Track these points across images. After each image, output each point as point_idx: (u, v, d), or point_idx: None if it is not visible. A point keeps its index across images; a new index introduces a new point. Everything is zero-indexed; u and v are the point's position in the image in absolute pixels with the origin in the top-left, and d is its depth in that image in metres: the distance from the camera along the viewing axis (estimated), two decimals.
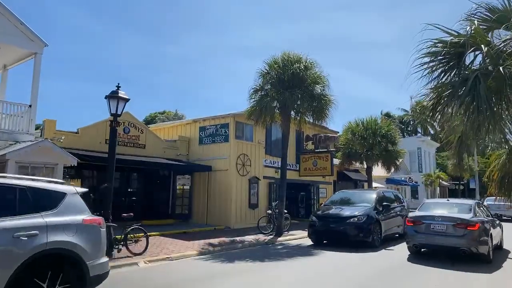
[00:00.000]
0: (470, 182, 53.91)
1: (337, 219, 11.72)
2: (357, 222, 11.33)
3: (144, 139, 16.07)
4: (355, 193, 14.55)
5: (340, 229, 11.41)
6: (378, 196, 12.78)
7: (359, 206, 12.26)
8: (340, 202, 13.15)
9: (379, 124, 22.50)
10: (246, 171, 16.85)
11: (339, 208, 12.32)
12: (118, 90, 9.45)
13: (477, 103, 4.92)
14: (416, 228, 9.63)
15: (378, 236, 11.65)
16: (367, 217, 11.43)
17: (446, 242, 9.13)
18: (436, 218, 9.33)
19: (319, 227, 11.93)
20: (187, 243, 11.54)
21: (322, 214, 12.54)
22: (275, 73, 14.74)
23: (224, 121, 16.83)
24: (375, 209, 12.01)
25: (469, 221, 8.99)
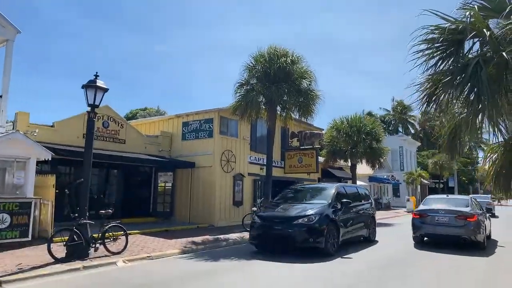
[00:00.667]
0: (449, 180, 55.23)
1: (283, 219, 9.33)
2: (306, 223, 8.93)
3: (124, 134, 15.42)
4: (311, 188, 12.24)
5: (285, 233, 9.00)
6: (337, 192, 10.44)
7: (312, 203, 9.99)
8: (292, 199, 10.91)
9: (364, 122, 22.47)
10: (230, 168, 16.43)
11: (288, 206, 10.05)
12: (96, 79, 8.87)
13: (478, 90, 4.68)
14: (422, 220, 11.15)
15: (334, 241, 9.39)
16: (319, 217, 9.08)
17: (448, 232, 10.62)
18: (440, 211, 10.82)
19: (261, 229, 9.49)
20: (169, 241, 11.05)
21: (265, 213, 10.04)
22: (261, 67, 14.38)
23: (208, 116, 16.35)
24: (332, 207, 9.74)
25: (468, 213, 10.46)
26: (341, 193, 10.71)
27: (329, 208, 9.67)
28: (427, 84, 6.30)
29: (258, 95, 14.09)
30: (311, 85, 14.74)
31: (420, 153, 54.13)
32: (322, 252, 8.94)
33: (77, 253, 8.05)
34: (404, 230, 15.99)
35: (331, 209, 9.68)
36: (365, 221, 11.53)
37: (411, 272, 7.81)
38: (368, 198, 12.63)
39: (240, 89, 14.73)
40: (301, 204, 10.09)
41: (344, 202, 10.12)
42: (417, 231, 11.31)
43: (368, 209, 12.06)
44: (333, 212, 9.65)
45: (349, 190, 11.76)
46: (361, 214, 11.37)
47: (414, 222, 11.41)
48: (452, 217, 10.53)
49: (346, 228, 10.14)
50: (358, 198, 11.77)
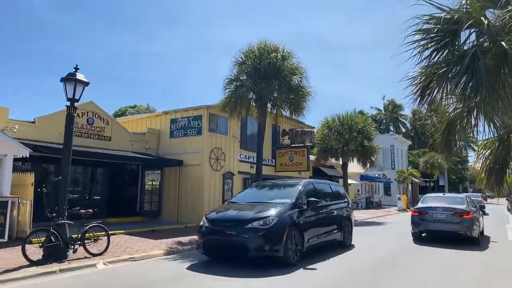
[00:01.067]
0: (439, 179, 55.60)
1: (235, 223, 7.69)
2: (261, 227, 7.35)
3: (109, 131, 14.95)
4: (276, 185, 10.43)
5: (235, 239, 7.45)
6: (304, 189, 8.94)
7: (273, 203, 8.36)
8: (253, 197, 9.30)
9: (355, 120, 22.28)
10: (220, 166, 16.07)
11: (244, 206, 8.47)
12: (75, 72, 8.45)
13: (475, 81, 4.40)
14: (421, 217, 11.66)
15: (297, 248, 7.82)
16: (278, 219, 7.50)
17: (446, 228, 11.16)
18: (438, 208, 11.36)
19: (208, 235, 7.87)
20: (154, 242, 10.67)
21: (217, 215, 8.28)
22: (251, 63, 14.03)
23: (197, 113, 15.96)
24: (296, 208, 8.18)
25: (464, 210, 11.09)
26: (309, 190, 9.16)
27: (292, 208, 8.07)
28: (420, 77, 6.03)
29: (248, 91, 13.74)
30: (302, 82, 14.45)
31: (411, 152, 54.37)
32: (281, 262, 7.43)
33: (55, 255, 7.64)
34: (393, 230, 15.84)
35: (294, 209, 8.08)
36: (338, 223, 9.94)
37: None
38: (343, 197, 11.10)
39: (230, 85, 14.38)
40: (260, 204, 8.39)
41: (311, 202, 8.51)
42: (416, 228, 11.86)
43: (343, 209, 10.53)
44: (297, 213, 8.08)
45: (320, 187, 10.14)
46: (334, 215, 9.81)
47: (413, 219, 11.90)
48: (449, 214, 11.11)
49: (313, 232, 8.54)
50: (330, 196, 10.26)
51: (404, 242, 11.63)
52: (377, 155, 23.86)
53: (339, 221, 10.06)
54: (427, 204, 11.99)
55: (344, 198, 11.10)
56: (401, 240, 12.05)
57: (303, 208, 8.37)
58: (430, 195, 13.87)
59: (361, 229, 15.92)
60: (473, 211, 11.28)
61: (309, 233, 8.30)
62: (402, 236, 12.98)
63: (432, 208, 11.53)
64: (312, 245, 8.53)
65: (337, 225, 9.86)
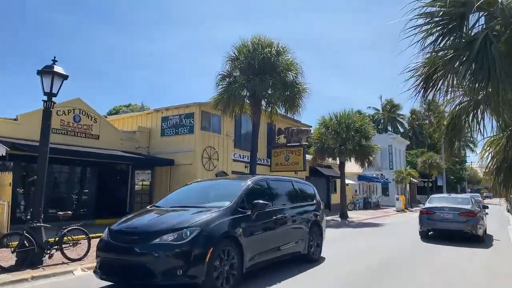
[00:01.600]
0: (438, 179, 55.18)
1: (142, 236, 5.48)
2: (173, 243, 5.19)
3: (97, 129, 14.39)
4: (218, 184, 8.38)
5: (137, 260, 5.27)
6: (250, 189, 6.63)
7: (206, 207, 6.07)
8: (184, 198, 7.02)
9: (353, 118, 21.77)
10: (212, 166, 15.53)
11: (165, 212, 6.25)
12: (53, 65, 7.89)
13: (487, 67, 3.88)
14: (429, 216, 12.03)
15: (231, 271, 5.58)
16: (199, 231, 5.27)
17: (453, 227, 11.58)
18: (445, 208, 11.80)
19: (106, 252, 5.70)
20: None
21: (119, 226, 6.03)
22: (244, 58, 13.55)
23: (189, 111, 15.42)
24: (235, 213, 5.94)
25: (470, 210, 11.53)
26: (258, 190, 6.88)
27: (229, 214, 5.81)
28: (423, 68, 5.50)
29: (241, 87, 13.26)
30: (297, 78, 13.99)
31: (409, 152, 53.98)
32: None
33: (29, 260, 7.07)
34: (387, 233, 15.22)
35: (232, 216, 5.82)
36: (302, 231, 7.65)
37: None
38: (311, 198, 8.66)
39: (222, 81, 13.92)
40: (188, 209, 6.12)
41: (257, 205, 6.18)
42: (424, 226, 12.27)
43: (309, 213, 8.08)
44: (235, 222, 5.79)
45: (277, 186, 7.70)
46: (295, 222, 7.48)
47: (421, 218, 12.34)
48: (456, 213, 11.56)
49: (260, 245, 6.26)
50: (293, 197, 7.96)
51: (402, 248, 11.13)
52: (375, 154, 23.35)
53: (304, 228, 7.73)
54: (434, 204, 12.44)
55: (312, 200, 8.65)
56: (401, 242, 11.57)
57: (246, 213, 6.05)
58: (436, 196, 14.62)
59: (354, 231, 15.42)
60: (478, 211, 11.80)
61: (252, 248, 5.98)
62: (399, 240, 12.49)
63: (439, 208, 11.97)
64: (258, 263, 6.26)
65: (300, 234, 7.57)
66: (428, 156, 45.69)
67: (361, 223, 19.36)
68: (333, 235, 13.55)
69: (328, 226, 17.15)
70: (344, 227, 17.10)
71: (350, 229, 15.90)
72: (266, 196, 6.87)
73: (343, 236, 13.56)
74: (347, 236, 13.56)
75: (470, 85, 4.65)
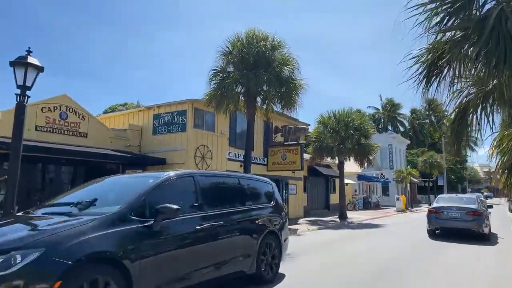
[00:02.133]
0: (438, 179, 54.57)
1: None
2: None
3: (85, 127, 13.82)
4: (122, 181, 5.64)
5: None
6: (159, 187, 4.69)
7: (80, 215, 4.18)
8: (71, 199, 4.92)
9: (352, 116, 21.19)
10: (206, 165, 14.96)
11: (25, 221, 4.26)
12: (27, 56, 7.32)
13: (503, 46, 3.32)
14: (437, 216, 12.54)
15: None
16: (39, 255, 3.24)
17: (460, 225, 12.10)
18: (452, 208, 12.31)
19: None
20: None
21: None
22: (238, 52, 12.95)
23: (182, 108, 14.85)
24: (122, 224, 3.98)
25: (476, 209, 12.03)
26: (174, 190, 4.92)
27: (109, 226, 3.87)
28: (427, 54, 4.95)
29: (234, 83, 12.66)
30: (293, 73, 13.39)
31: (409, 151, 53.39)
32: None
33: None
34: (388, 234, 14.67)
35: (114, 228, 3.88)
36: (248, 244, 5.75)
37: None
38: (267, 199, 6.84)
39: (216, 77, 13.31)
40: (49, 218, 4.28)
41: (161, 211, 4.21)
42: (432, 225, 12.78)
43: (260, 219, 6.23)
44: (118, 236, 3.87)
45: (210, 183, 5.72)
46: (235, 232, 5.54)
47: (430, 217, 12.83)
48: (463, 213, 12.03)
49: (169, 270, 4.37)
50: (235, 199, 6.03)
51: (403, 249, 10.55)
52: (374, 153, 22.78)
53: (251, 240, 5.80)
54: (442, 204, 12.92)
55: (269, 201, 6.81)
56: (401, 244, 11.01)
57: (145, 223, 4.15)
58: (443, 196, 15.46)
59: (350, 232, 14.85)
60: (483, 210, 12.37)
61: (153, 275, 4.10)
62: (400, 242, 11.93)
63: (447, 207, 12.46)
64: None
65: (245, 248, 5.66)
66: (429, 156, 45.12)
67: (361, 224, 18.79)
68: (331, 237, 12.99)
69: (327, 228, 16.67)
70: (344, 228, 16.53)
71: (348, 231, 15.34)
72: (189, 198, 5.03)
73: (343, 238, 12.99)
74: (347, 238, 12.98)
75: (481, 71, 4.08)
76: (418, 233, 14.65)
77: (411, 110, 67.49)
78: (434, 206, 13.04)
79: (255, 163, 18.18)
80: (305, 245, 11.31)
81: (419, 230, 15.99)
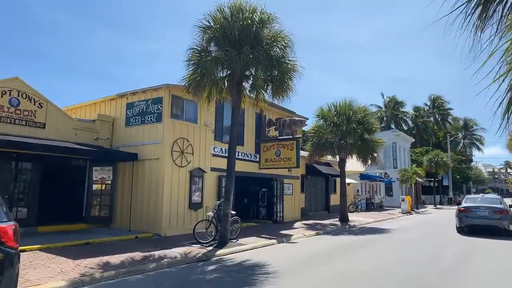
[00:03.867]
0: (443, 179, 52.45)
1: None
2: None
3: (43, 116, 11.83)
4: None
5: None
6: None
7: None
8: None
9: (354, 109, 19.15)
10: (186, 161, 12.94)
11: None
12: None
13: None
14: (466, 214, 13.85)
15: None
16: None
17: (488, 223, 13.44)
18: (481, 207, 13.66)
19: None
20: (70, 263, 7.56)
21: None
22: (219, 27, 10.91)
23: (157, 95, 12.84)
24: None
25: (503, 208, 13.49)
26: None
27: None
28: None
29: (215, 63, 10.63)
30: (286, 53, 11.33)
31: (413, 150, 51.31)
32: None
33: None
34: (394, 244, 12.48)
35: None
36: None
37: None
38: None
39: (194, 57, 11.25)
40: None
41: None
42: (462, 223, 14.06)
43: None
44: None
45: None
46: None
47: (459, 216, 14.19)
48: (490, 211, 13.40)
49: None
50: None
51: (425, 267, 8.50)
52: (379, 150, 20.72)
53: None
54: (470, 204, 14.30)
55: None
56: (419, 255, 8.96)
57: None
58: (470, 196, 16.95)
59: (353, 240, 12.79)
60: (509, 209, 13.62)
61: None
62: (413, 259, 9.91)
63: (476, 207, 13.83)
64: None
65: None
66: (435, 154, 43.02)
67: (364, 228, 16.75)
68: (329, 246, 10.98)
69: (325, 233, 14.63)
70: (345, 233, 14.49)
71: (350, 238, 13.30)
72: None
73: (343, 248, 10.95)
74: (348, 248, 10.95)
75: None
76: (433, 239, 12.64)
77: (414, 108, 65.47)
78: (463, 206, 14.36)
79: (246, 160, 16.20)
80: (296, 257, 9.30)
81: (433, 235, 13.97)
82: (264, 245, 10.93)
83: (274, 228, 14.90)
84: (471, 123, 65.62)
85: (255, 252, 9.95)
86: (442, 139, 62.62)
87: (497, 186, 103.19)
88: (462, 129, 65.93)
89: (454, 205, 48.44)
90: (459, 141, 65.27)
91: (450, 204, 48.83)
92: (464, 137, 65.77)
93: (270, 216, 17.54)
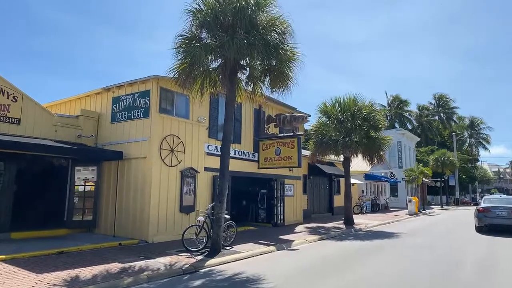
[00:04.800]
0: (450, 179, 51.10)
1: None
2: None
3: (18, 112, 10.78)
4: None
5: None
6: None
7: None
8: None
9: (359, 105, 18.01)
10: (176, 160, 11.84)
11: None
12: None
13: None
14: (485, 214, 14.37)
15: None
16: None
17: (506, 222, 13.93)
18: (500, 207, 14.23)
19: None
20: (31, 278, 6.46)
21: None
22: (209, 10, 9.82)
23: (144, 88, 11.75)
24: None
25: None
26: None
27: None
28: None
29: (204, 49, 9.52)
30: (285, 39, 10.21)
31: (418, 150, 50.04)
32: None
33: None
34: (407, 250, 11.16)
35: None
36: None
37: None
38: None
39: (184, 45, 10.16)
40: None
41: None
42: (481, 222, 14.50)
43: None
44: None
45: None
46: None
47: (479, 216, 14.64)
48: (509, 211, 13.88)
49: None
50: None
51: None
52: (386, 148, 19.54)
53: None
54: (489, 204, 14.79)
55: None
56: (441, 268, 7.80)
57: None
58: (488, 197, 17.34)
59: (360, 246, 11.60)
60: None
61: None
62: (436, 265, 8.73)
63: (494, 207, 14.31)
64: None
65: None
66: (441, 154, 41.71)
67: (371, 231, 15.58)
68: (334, 253, 9.81)
69: (329, 237, 13.43)
70: (350, 238, 13.32)
71: (357, 243, 12.13)
72: None
73: (349, 256, 9.78)
74: (355, 256, 9.78)
75: None
76: (448, 242, 11.44)
77: (418, 107, 64.19)
78: (482, 206, 14.85)
79: (244, 159, 15.09)
80: (297, 268, 8.18)
81: (448, 239, 12.77)
82: (261, 253, 9.79)
83: (273, 232, 13.77)
84: (478, 121, 64.27)
85: (251, 261, 8.84)
86: (447, 138, 61.31)
87: (503, 186, 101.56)
88: (468, 128, 64.57)
89: (461, 205, 47.17)
90: (465, 140, 63.95)
91: (456, 204, 47.52)
92: (470, 136, 64.40)
93: (269, 219, 16.42)
